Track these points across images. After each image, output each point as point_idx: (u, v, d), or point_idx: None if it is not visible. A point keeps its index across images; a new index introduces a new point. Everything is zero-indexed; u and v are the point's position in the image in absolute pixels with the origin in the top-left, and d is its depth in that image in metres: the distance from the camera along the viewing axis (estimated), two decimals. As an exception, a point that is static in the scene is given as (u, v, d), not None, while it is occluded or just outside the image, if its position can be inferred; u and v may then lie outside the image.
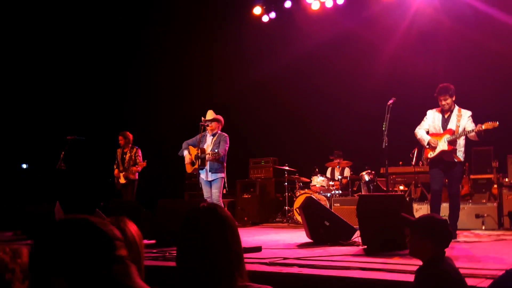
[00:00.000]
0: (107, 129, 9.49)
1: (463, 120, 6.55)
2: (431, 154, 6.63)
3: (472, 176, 9.78)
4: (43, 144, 12.88)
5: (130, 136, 9.57)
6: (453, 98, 6.60)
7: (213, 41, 12.65)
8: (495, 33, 9.89)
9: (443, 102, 6.56)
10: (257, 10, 12.26)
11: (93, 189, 11.69)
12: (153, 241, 6.49)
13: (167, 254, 5.20)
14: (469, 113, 6.62)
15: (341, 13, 11.49)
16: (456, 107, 6.67)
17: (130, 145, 9.51)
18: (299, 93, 12.10)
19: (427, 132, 6.77)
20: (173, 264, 4.50)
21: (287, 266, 4.38)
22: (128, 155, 9.42)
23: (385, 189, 9.10)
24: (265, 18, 12.35)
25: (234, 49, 12.50)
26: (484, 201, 8.96)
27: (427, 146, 6.68)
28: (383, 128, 6.85)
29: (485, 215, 8.28)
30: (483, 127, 6.29)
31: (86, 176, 12.23)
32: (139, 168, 9.32)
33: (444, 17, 10.38)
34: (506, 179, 8.67)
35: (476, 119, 6.60)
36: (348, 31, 11.30)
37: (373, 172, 9.60)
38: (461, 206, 8.48)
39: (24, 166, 15.16)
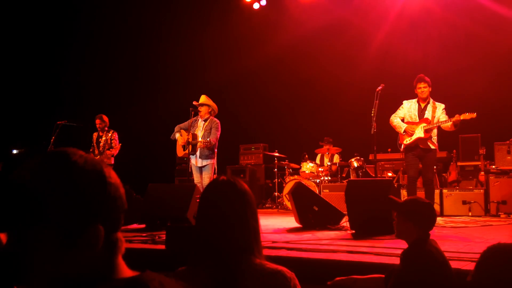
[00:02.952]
0: (99, 113, 9.38)
1: (438, 111, 6.84)
2: (407, 141, 6.89)
3: (459, 163, 9.89)
4: (33, 129, 12.83)
5: (107, 119, 9.27)
6: (430, 89, 6.87)
7: (205, 28, 12.61)
8: (486, 21, 9.97)
9: (422, 89, 6.82)
10: (248, -3, 12.24)
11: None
12: (143, 225, 6.53)
13: (157, 237, 5.23)
14: (443, 105, 6.92)
15: (331, 1, 11.50)
16: (431, 100, 6.95)
17: (106, 129, 9.25)
18: (289, 79, 12.14)
19: (402, 120, 7.01)
20: (162, 247, 4.57)
21: (276, 249, 4.44)
22: (103, 138, 9.15)
23: (373, 175, 9.19)
24: (256, 5, 12.33)
25: (225, 36, 12.48)
26: (471, 187, 9.08)
27: (404, 133, 6.92)
28: (372, 115, 6.93)
29: (472, 201, 8.39)
30: (461, 117, 6.54)
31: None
32: (114, 152, 9.08)
33: (435, 5, 10.43)
34: (493, 166, 8.79)
35: (464, 107, 6.77)
36: (339, 19, 11.33)
37: (362, 158, 9.68)
38: (449, 192, 8.62)
39: (15, 151, 15.10)
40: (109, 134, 9.16)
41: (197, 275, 1.80)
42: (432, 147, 6.80)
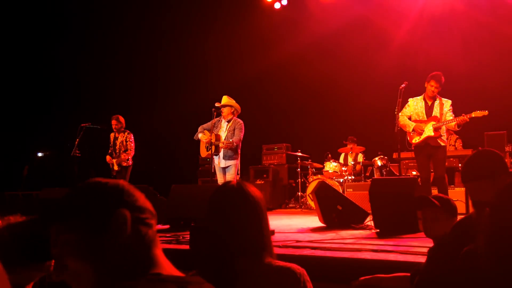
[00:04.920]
0: (123, 116, 9.45)
1: (445, 108, 6.73)
2: (416, 140, 6.77)
3: (485, 161, 9.69)
4: (57, 132, 13.04)
5: (123, 120, 9.32)
6: (440, 90, 6.75)
7: (226, 28, 12.66)
8: (509, 17, 9.77)
9: (433, 88, 6.69)
10: (269, -3, 12.25)
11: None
12: (167, 226, 6.57)
13: (181, 237, 5.26)
14: (450, 102, 6.79)
15: (352, -1, 11.44)
16: (438, 96, 6.82)
17: (122, 129, 9.27)
18: (312, 79, 12.09)
19: (410, 119, 6.91)
20: (186, 247, 4.59)
21: (300, 249, 4.42)
22: (119, 139, 9.20)
23: (397, 174, 9.08)
24: (277, 5, 12.33)
25: (246, 36, 12.50)
26: (498, 185, 8.89)
27: (412, 132, 6.81)
28: (396, 113, 6.87)
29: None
30: (473, 114, 6.44)
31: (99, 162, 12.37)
32: (130, 155, 9.12)
33: (457, 1, 10.27)
34: (520, 164, 8.59)
35: (487, 104, 6.64)
36: (360, 17, 11.25)
37: (386, 157, 9.57)
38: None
39: (40, 154, 15.37)
40: (125, 135, 9.21)
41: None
42: (442, 144, 6.69)
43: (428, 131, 6.66)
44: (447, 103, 6.75)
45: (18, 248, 1.33)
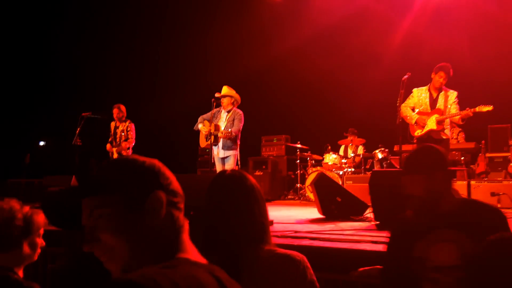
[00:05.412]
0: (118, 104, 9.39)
1: (450, 100, 6.59)
2: (418, 132, 6.68)
3: (488, 154, 9.66)
4: (58, 121, 13.00)
5: (124, 109, 9.23)
6: (446, 81, 6.61)
7: (227, 19, 12.56)
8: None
9: (441, 80, 6.55)
10: (270, -13, 12.14)
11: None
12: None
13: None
14: (455, 93, 6.64)
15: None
16: (443, 88, 6.68)
17: (124, 119, 9.19)
18: (312, 70, 12.00)
19: (413, 110, 6.79)
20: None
21: (298, 239, 4.36)
22: (120, 128, 9.12)
23: (398, 167, 9.02)
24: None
25: (248, 27, 12.41)
26: (500, 179, 8.85)
27: (415, 124, 6.70)
28: (398, 104, 6.78)
29: (501, 193, 8.17)
30: (477, 109, 6.32)
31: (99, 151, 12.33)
32: (131, 143, 9.04)
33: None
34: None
35: (491, 97, 6.55)
36: (362, 8, 11.15)
37: (386, 150, 9.51)
38: (477, 184, 8.41)
39: (42, 143, 15.37)
40: (126, 124, 9.16)
41: None
42: (445, 137, 6.60)
43: (431, 124, 6.56)
44: (452, 95, 6.61)
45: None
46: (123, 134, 9.08)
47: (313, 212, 6.87)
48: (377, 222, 5.61)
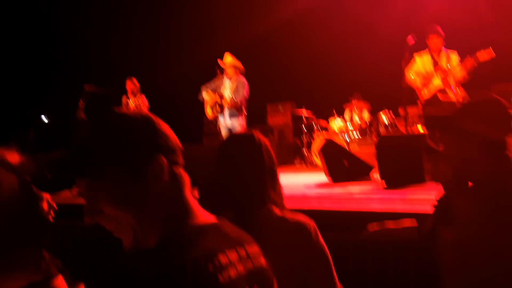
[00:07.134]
0: (124, 77, 9.33)
1: (453, 61, 6.63)
2: (425, 94, 6.72)
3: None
4: (61, 96, 12.98)
5: (137, 82, 9.15)
6: (442, 39, 6.66)
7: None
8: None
9: (435, 41, 6.61)
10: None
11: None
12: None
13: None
14: (455, 54, 6.68)
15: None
16: (443, 48, 6.72)
17: (138, 93, 9.10)
18: (315, 34, 11.87)
19: (417, 75, 6.83)
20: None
21: (307, 202, 4.43)
22: (133, 104, 8.97)
23: (403, 130, 9.02)
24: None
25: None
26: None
27: (420, 86, 6.76)
28: (402, 66, 6.77)
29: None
30: (478, 57, 6.33)
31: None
32: None
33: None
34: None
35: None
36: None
37: (391, 111, 9.49)
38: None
39: (43, 117, 15.38)
40: (140, 98, 9.10)
41: None
42: (453, 99, 6.62)
43: (436, 81, 6.58)
44: (454, 56, 6.65)
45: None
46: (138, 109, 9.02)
47: (321, 177, 6.93)
48: (384, 185, 5.67)
